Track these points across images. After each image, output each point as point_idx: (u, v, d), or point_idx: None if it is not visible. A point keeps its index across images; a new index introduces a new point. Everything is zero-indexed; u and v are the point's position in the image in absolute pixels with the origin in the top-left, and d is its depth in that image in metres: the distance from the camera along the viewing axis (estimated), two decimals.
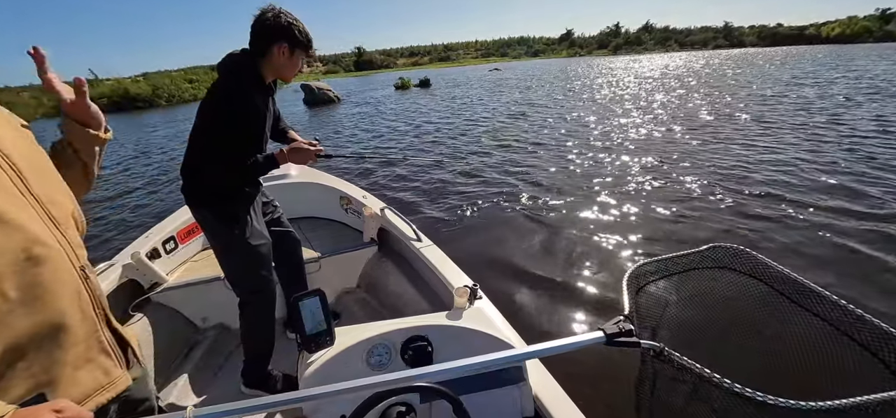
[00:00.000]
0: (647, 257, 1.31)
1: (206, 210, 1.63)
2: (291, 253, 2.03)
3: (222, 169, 1.53)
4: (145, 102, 27.01)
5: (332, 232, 2.82)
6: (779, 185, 4.89)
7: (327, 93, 19.63)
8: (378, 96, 21.83)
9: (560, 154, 7.13)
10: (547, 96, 16.06)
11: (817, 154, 6.07)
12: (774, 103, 10.94)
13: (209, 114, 1.50)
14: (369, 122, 12.93)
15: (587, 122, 9.99)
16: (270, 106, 1.68)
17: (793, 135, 7.26)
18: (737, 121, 9.00)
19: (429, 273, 2.03)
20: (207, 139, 1.53)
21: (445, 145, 8.57)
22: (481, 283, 1.44)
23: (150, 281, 2.16)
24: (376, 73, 58.53)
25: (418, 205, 5.09)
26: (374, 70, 68.88)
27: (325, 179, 3.04)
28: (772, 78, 17.64)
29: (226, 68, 1.54)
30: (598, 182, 5.46)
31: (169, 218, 2.57)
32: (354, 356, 1.13)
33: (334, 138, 10.87)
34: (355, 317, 2.31)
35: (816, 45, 54.67)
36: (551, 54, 76.16)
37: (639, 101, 13.38)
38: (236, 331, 1.77)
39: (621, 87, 17.94)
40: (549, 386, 1.29)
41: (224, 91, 1.49)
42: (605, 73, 27.57)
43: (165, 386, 1.88)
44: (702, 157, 6.30)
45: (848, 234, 3.63)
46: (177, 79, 31.96)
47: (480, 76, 32.00)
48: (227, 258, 1.68)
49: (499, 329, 1.28)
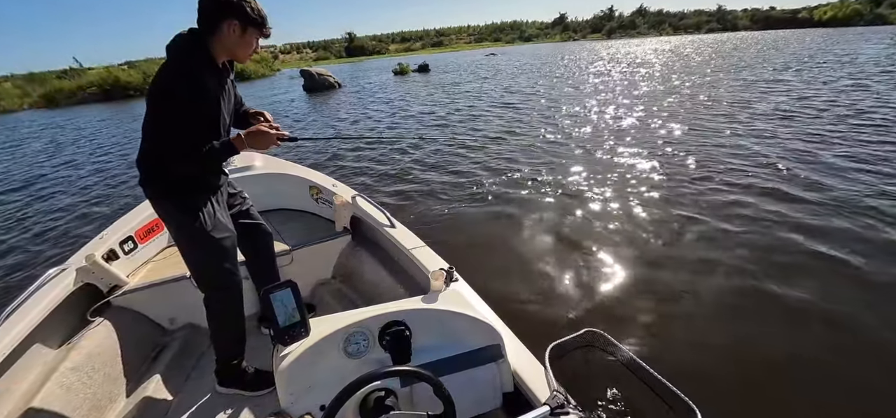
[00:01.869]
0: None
1: (167, 202, 1.54)
2: (263, 246, 1.94)
3: (176, 158, 1.43)
4: (136, 90, 26.38)
5: (303, 223, 2.75)
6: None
7: (327, 78, 19.35)
8: (378, 81, 21.59)
9: (571, 139, 7.11)
10: (552, 79, 15.99)
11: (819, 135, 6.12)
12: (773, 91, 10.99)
13: (157, 101, 1.39)
14: (376, 108, 12.79)
15: (588, 106, 9.97)
16: (227, 88, 1.56)
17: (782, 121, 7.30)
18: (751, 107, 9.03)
19: (404, 258, 2.01)
20: (157, 127, 1.42)
21: (458, 129, 8.51)
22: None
23: (109, 284, 2.05)
24: (369, 60, 57.74)
25: (433, 193, 5.05)
26: (365, 56, 67.89)
27: (293, 169, 2.95)
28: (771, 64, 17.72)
29: (172, 49, 1.42)
30: (617, 166, 5.47)
31: (125, 217, 2.42)
32: (331, 346, 1.10)
33: (339, 125, 10.73)
34: (331, 309, 2.24)
35: (808, 28, 55.05)
36: (545, 39, 75.68)
37: (640, 85, 13.37)
38: (207, 330, 1.72)
39: (625, 69, 17.90)
40: (528, 361, 1.30)
41: (170, 73, 1.39)
42: (605, 57, 27.48)
43: (134, 392, 1.80)
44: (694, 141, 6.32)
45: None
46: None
47: (478, 61, 31.74)
48: (190, 253, 1.60)
49: (475, 309, 1.30)
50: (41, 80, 32.87)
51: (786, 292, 2.75)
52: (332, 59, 63.78)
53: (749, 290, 2.82)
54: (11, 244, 4.75)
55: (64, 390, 1.59)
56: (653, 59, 23.20)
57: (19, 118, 21.23)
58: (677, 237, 3.55)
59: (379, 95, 15.77)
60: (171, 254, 2.41)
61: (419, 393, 1.09)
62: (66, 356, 1.71)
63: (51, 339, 1.76)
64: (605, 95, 11.57)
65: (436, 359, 1.13)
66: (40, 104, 26.77)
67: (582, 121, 8.43)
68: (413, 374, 0.96)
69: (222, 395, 1.75)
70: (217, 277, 1.61)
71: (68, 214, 5.58)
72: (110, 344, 1.87)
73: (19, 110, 25.72)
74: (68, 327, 1.87)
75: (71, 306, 1.88)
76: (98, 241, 2.16)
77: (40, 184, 7.33)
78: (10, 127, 17.27)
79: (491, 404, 1.23)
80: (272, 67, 40.87)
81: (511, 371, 1.25)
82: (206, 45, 1.43)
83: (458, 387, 1.04)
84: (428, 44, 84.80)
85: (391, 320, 1.14)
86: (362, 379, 0.90)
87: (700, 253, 3.28)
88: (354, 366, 1.10)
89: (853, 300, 2.64)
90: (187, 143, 1.41)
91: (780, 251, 3.21)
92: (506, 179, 5.23)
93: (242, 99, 1.79)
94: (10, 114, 23.73)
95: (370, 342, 1.13)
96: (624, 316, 2.66)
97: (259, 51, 1.59)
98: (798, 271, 2.96)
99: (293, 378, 1.06)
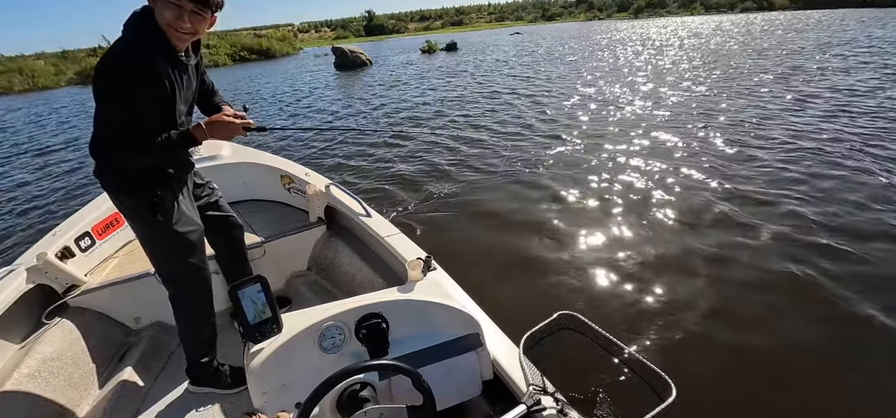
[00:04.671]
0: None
1: (124, 195, 1.43)
2: (233, 239, 1.86)
3: (123, 150, 1.30)
4: None
5: (274, 214, 2.65)
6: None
7: (359, 56, 19.38)
8: (406, 60, 21.49)
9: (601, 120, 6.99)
10: (583, 60, 15.65)
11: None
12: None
13: (97, 85, 1.25)
14: (415, 84, 12.75)
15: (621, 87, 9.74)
16: (188, 74, 1.42)
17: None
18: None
19: (381, 248, 1.98)
20: (102, 115, 1.30)
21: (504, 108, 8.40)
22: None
23: (65, 284, 1.93)
24: (388, 39, 57.12)
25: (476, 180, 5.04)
26: (385, 35, 67.20)
27: (263, 158, 2.82)
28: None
29: (124, 28, 1.28)
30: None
31: (80, 211, 2.29)
32: (305, 341, 1.07)
33: (391, 104, 10.71)
34: (307, 301, 2.18)
35: (851, 8, 51.99)
36: (568, 18, 73.55)
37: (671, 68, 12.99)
38: (176, 328, 1.65)
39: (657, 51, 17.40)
40: (508, 348, 1.30)
41: (111, 55, 1.25)
42: (636, 38, 26.66)
43: (99, 395, 1.72)
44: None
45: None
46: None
47: (504, 40, 31.12)
48: (153, 248, 1.52)
49: (453, 298, 1.27)
50: (74, 57, 33.60)
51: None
52: (351, 37, 63.28)
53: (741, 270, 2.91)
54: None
55: (21, 397, 1.51)
56: (707, 43, 22.40)
57: (56, 94, 21.79)
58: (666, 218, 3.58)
59: (412, 71, 15.68)
60: (134, 250, 2.26)
61: (398, 386, 1.05)
62: (21, 361, 1.61)
63: (1, 345, 1.67)
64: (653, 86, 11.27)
65: (414, 350, 1.12)
66: (76, 81, 27.37)
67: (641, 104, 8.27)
68: (391, 368, 0.94)
69: (195, 394, 1.67)
70: (183, 274, 1.53)
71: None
72: (69, 346, 1.76)
73: (56, 88, 26.36)
74: (22, 331, 1.77)
75: (22, 309, 1.76)
76: (50, 238, 2.01)
77: None
78: (53, 103, 17.84)
79: (471, 392, 1.22)
80: (294, 46, 40.83)
81: (491, 359, 1.24)
82: (158, 23, 1.27)
83: (437, 377, 1.04)
84: (447, 23, 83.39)
85: (368, 312, 1.11)
86: (338, 375, 0.88)
87: (680, 237, 3.37)
88: (330, 361, 1.08)
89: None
90: (133, 134, 1.29)
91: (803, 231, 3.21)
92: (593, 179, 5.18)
93: (215, 85, 1.67)
94: (49, 91, 24.37)
95: (346, 336, 1.11)
96: (601, 296, 2.78)
97: (280, 30, 1.44)
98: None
99: (266, 376, 1.03)
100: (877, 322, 2.37)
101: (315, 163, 5.72)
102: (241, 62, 31.76)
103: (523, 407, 1.01)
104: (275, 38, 38.79)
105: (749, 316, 2.52)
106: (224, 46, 33.17)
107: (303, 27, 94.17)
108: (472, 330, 1.21)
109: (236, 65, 30.37)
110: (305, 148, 6.75)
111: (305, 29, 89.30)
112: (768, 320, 2.48)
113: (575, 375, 1.83)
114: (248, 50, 33.55)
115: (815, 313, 2.49)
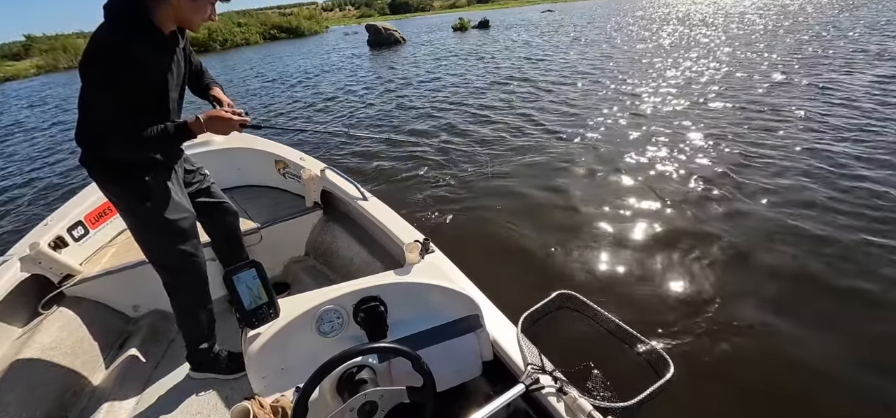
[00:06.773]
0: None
1: (112, 184, 1.40)
2: (228, 226, 1.84)
3: (116, 143, 1.27)
4: (201, 47, 27.12)
5: (270, 200, 2.61)
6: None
7: (393, 33, 19.19)
8: (437, 37, 21.14)
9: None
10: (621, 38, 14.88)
11: None
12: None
13: (85, 75, 1.21)
14: (450, 63, 12.45)
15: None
16: (177, 60, 1.38)
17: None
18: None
19: (379, 231, 1.96)
20: (92, 106, 1.26)
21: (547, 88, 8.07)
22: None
23: (60, 274, 1.90)
24: (413, 17, 56.31)
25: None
26: (409, 13, 66.27)
27: (256, 143, 2.75)
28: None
29: (107, 13, 1.22)
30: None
31: (72, 200, 2.26)
32: (303, 326, 1.07)
33: (432, 82, 10.47)
34: (306, 286, 2.15)
35: None
36: None
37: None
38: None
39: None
40: (508, 328, 1.29)
41: (97, 43, 1.20)
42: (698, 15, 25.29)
43: (100, 382, 1.71)
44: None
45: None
46: (227, 21, 31.70)
47: (536, 18, 30.06)
48: (144, 237, 1.50)
49: (451, 280, 1.26)
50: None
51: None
52: (376, 15, 62.76)
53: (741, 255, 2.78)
54: None
55: (21, 385, 1.50)
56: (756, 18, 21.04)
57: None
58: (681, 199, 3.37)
59: (446, 48, 15.32)
60: (130, 238, 2.31)
61: (398, 368, 1.05)
62: (19, 350, 1.61)
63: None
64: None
65: (413, 333, 1.12)
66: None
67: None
68: (391, 350, 0.94)
69: (196, 380, 1.69)
70: (176, 261, 1.52)
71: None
72: (68, 335, 1.75)
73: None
74: (18, 321, 1.77)
75: (18, 300, 1.75)
76: (42, 228, 1.99)
77: None
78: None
79: (471, 373, 1.22)
80: (321, 24, 40.86)
81: (490, 339, 1.24)
82: (147, 8, 1.23)
83: (437, 359, 1.03)
84: (474, 0, 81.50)
85: (366, 296, 1.11)
86: (337, 357, 0.88)
87: (679, 219, 3.23)
88: (329, 345, 1.08)
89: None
90: (126, 126, 1.25)
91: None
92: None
93: (203, 65, 1.66)
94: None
95: (344, 319, 1.11)
96: (603, 276, 2.71)
97: (305, 9, 1.40)
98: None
99: (264, 361, 1.03)
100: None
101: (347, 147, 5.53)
102: (270, 40, 32.23)
103: (522, 386, 1.02)
104: (302, 16, 39.06)
105: (761, 299, 2.37)
106: (255, 24, 33.52)
107: (326, 5, 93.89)
108: (472, 311, 1.21)
109: (266, 43, 30.69)
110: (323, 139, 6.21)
111: (329, 8, 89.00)
112: (772, 305, 2.34)
113: (574, 353, 1.78)
114: (277, 28, 34.10)
115: (826, 309, 2.30)
